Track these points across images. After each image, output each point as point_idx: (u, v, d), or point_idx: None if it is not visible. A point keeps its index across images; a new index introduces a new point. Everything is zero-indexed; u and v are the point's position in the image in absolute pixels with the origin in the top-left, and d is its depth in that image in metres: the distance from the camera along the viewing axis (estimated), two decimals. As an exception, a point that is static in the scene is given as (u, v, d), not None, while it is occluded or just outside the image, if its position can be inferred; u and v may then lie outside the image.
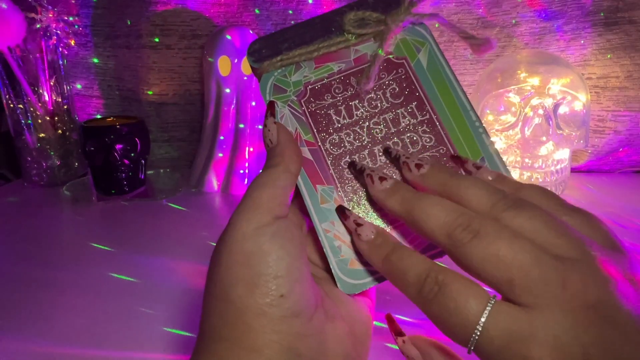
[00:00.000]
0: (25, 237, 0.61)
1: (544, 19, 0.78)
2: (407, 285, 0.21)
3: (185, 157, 0.86)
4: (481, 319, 0.19)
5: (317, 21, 0.30)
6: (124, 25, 0.80)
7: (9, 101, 0.75)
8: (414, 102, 0.29)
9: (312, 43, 0.29)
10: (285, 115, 0.28)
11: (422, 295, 0.21)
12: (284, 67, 0.29)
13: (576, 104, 0.66)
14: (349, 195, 0.27)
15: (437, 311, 0.20)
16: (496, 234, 0.19)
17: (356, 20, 0.29)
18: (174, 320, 0.42)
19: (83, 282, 0.49)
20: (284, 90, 0.29)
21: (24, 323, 0.43)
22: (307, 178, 0.27)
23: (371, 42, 0.29)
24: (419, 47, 0.30)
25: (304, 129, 0.28)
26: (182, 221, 0.65)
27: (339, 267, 0.26)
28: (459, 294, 0.19)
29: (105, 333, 0.41)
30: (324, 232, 0.27)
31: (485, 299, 0.19)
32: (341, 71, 0.29)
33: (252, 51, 0.29)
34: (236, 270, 0.23)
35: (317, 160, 0.28)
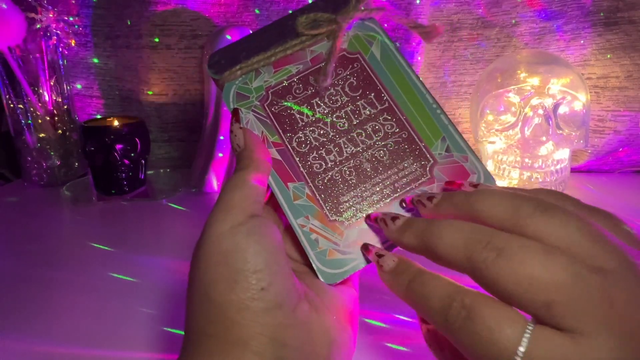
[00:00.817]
0: (25, 237, 0.61)
1: (544, 19, 0.78)
2: (432, 312, 0.20)
3: (185, 157, 0.86)
4: (520, 347, 0.17)
5: (272, 27, 0.31)
6: (124, 25, 0.80)
7: (9, 101, 0.75)
8: (372, 93, 0.30)
9: (268, 49, 0.31)
10: (251, 120, 0.30)
11: (449, 322, 0.19)
12: (244, 75, 0.31)
13: (576, 104, 0.66)
14: (320, 189, 0.28)
15: (468, 340, 0.18)
16: (524, 249, 0.17)
17: (308, 22, 0.30)
18: (174, 320, 0.42)
19: (83, 282, 0.49)
20: (247, 96, 0.30)
21: (24, 323, 0.43)
22: (277, 177, 0.28)
23: (325, 41, 0.31)
24: (371, 41, 0.31)
25: (270, 131, 0.30)
26: (182, 221, 0.65)
27: (317, 259, 0.27)
28: (492, 319, 0.17)
29: (105, 333, 0.41)
30: (300, 227, 0.28)
31: (522, 325, 0.17)
32: (300, 72, 0.31)
33: (212, 63, 0.31)
34: (214, 269, 0.23)
35: (285, 160, 0.29)
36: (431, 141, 0.29)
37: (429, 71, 0.82)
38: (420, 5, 0.77)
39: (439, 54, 0.81)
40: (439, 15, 0.79)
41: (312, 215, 0.28)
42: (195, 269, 0.24)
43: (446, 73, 0.82)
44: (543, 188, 0.22)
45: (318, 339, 0.24)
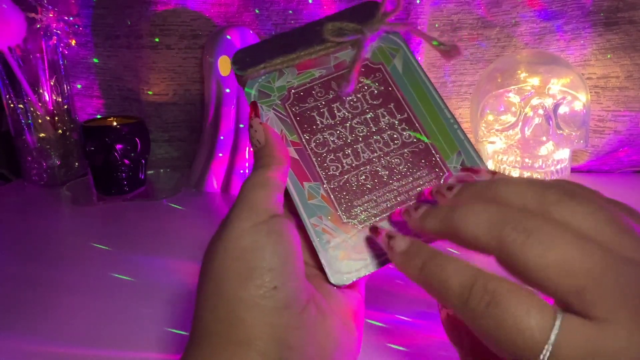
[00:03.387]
0: (25, 237, 0.61)
1: (544, 19, 0.78)
2: (450, 296, 0.18)
3: (186, 157, 0.86)
4: (550, 336, 0.16)
5: (298, 31, 0.32)
6: (124, 25, 0.80)
7: (9, 101, 0.75)
8: (392, 103, 0.31)
9: (294, 51, 0.31)
10: (271, 118, 0.30)
11: (470, 308, 0.18)
12: (267, 74, 0.31)
13: (576, 104, 0.66)
14: (335, 191, 0.29)
15: (491, 328, 0.17)
16: (556, 233, 0.17)
17: (334, 29, 0.31)
18: (174, 320, 0.42)
19: (83, 282, 0.49)
20: (268, 95, 0.31)
21: (24, 323, 0.43)
22: (294, 176, 0.29)
23: (349, 49, 0.32)
24: (394, 54, 0.32)
25: (289, 130, 0.30)
26: (182, 221, 0.65)
27: (328, 260, 0.27)
28: (518, 306, 0.16)
29: (105, 333, 0.41)
30: (313, 227, 0.28)
31: (551, 313, 0.16)
32: (322, 76, 0.31)
33: (237, 59, 0.31)
34: (230, 264, 0.23)
35: (303, 159, 0.29)
36: (447, 154, 0.29)
37: (429, 71, 0.82)
38: (421, 5, 0.77)
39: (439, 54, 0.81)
40: (439, 15, 0.79)
41: (326, 215, 0.28)
42: (210, 263, 0.24)
43: (446, 73, 0.82)
44: (563, 179, 0.21)
45: (323, 342, 0.24)
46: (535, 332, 0.16)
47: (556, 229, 0.17)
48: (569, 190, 0.19)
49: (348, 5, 0.78)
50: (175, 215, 0.67)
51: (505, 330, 0.16)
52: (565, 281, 0.16)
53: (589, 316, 0.16)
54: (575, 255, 0.16)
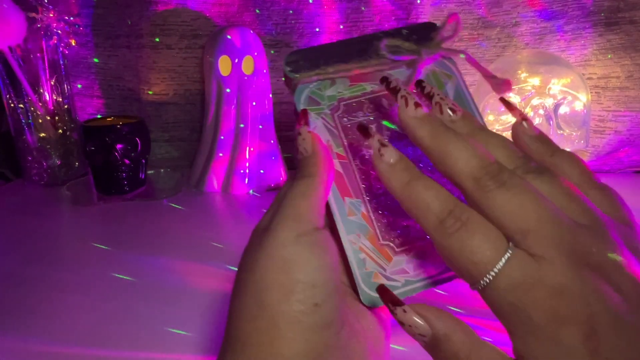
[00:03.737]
0: (26, 236, 0.61)
1: (545, 19, 0.78)
2: (428, 214, 0.21)
3: (186, 157, 0.86)
4: (499, 262, 0.19)
5: (354, 42, 0.31)
6: (125, 25, 0.80)
7: (9, 101, 0.75)
8: None
9: (348, 62, 0.30)
10: (318, 127, 0.29)
11: (444, 227, 0.20)
12: (320, 81, 0.30)
13: (577, 104, 0.66)
14: (376, 210, 0.28)
15: (455, 246, 0.20)
16: (522, 187, 0.20)
17: (391, 46, 0.31)
18: (174, 320, 0.42)
19: (83, 282, 0.49)
20: (318, 103, 0.30)
21: (24, 323, 0.43)
22: (336, 190, 0.28)
23: (403, 69, 0.31)
24: (447, 80, 0.32)
25: (336, 142, 0.29)
26: (182, 221, 0.65)
27: (362, 280, 0.26)
28: (482, 234, 0.20)
29: (105, 333, 0.41)
30: (350, 244, 0.27)
31: (505, 245, 0.19)
32: (374, 92, 0.30)
33: (290, 61, 0.30)
34: (273, 275, 0.22)
35: (347, 174, 0.28)
36: None
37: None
38: (421, 5, 0.77)
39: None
40: (439, 15, 0.79)
41: (364, 234, 0.27)
42: (250, 272, 0.23)
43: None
44: (568, 152, 0.24)
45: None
46: (489, 258, 0.19)
47: (523, 185, 0.20)
48: (541, 167, 0.22)
49: (348, 5, 0.78)
50: (175, 215, 0.67)
51: (467, 251, 0.20)
52: (516, 223, 0.19)
53: (529, 253, 0.19)
54: (531, 205, 0.19)
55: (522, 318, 0.19)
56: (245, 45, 0.72)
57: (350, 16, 0.79)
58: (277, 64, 0.81)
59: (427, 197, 0.21)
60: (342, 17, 0.80)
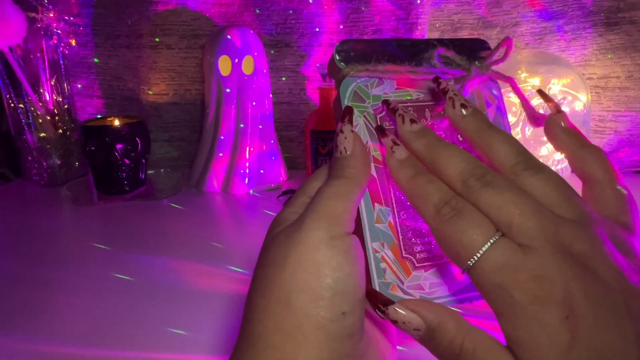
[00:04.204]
0: (26, 236, 0.61)
1: (545, 19, 0.78)
2: (427, 204, 0.23)
3: (186, 157, 0.86)
4: (485, 245, 0.20)
5: (409, 44, 0.31)
6: (125, 25, 0.80)
7: (9, 101, 0.75)
8: None
9: (400, 63, 0.30)
10: (360, 126, 0.28)
11: (439, 215, 0.22)
12: (368, 77, 0.29)
13: (577, 104, 0.66)
14: (403, 222, 0.27)
15: (448, 231, 0.22)
16: (505, 186, 0.21)
17: (444, 57, 0.31)
18: (174, 320, 0.42)
19: (83, 282, 0.49)
20: (363, 100, 0.29)
21: (24, 323, 0.43)
22: (367, 194, 0.27)
23: (451, 82, 0.30)
24: (490, 102, 0.32)
25: (374, 144, 0.28)
26: (182, 221, 0.65)
27: (380, 289, 0.26)
28: (473, 221, 0.21)
29: (105, 333, 0.41)
30: (373, 252, 0.26)
31: (492, 232, 0.21)
32: (418, 100, 0.30)
33: (341, 50, 0.29)
34: (304, 277, 0.22)
35: (380, 179, 0.27)
36: None
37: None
38: (421, 5, 0.77)
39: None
40: (439, 15, 0.79)
41: (388, 244, 0.27)
42: (280, 267, 0.22)
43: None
44: (594, 147, 0.25)
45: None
46: (476, 241, 0.21)
47: (506, 184, 0.22)
48: (540, 164, 0.23)
49: (348, 5, 0.78)
50: (176, 215, 0.67)
51: (458, 235, 0.21)
52: (501, 216, 0.21)
53: (515, 242, 0.20)
54: (513, 200, 0.21)
55: (506, 299, 0.20)
56: (245, 45, 0.72)
57: (350, 16, 0.79)
58: (277, 64, 0.81)
59: (427, 189, 0.23)
60: (342, 17, 0.80)
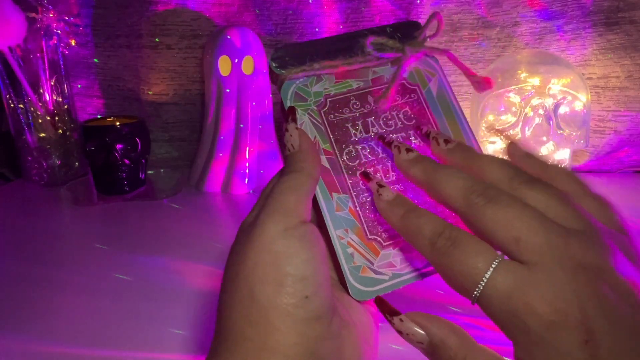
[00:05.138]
0: (26, 236, 0.61)
1: (545, 19, 0.78)
2: (421, 239, 0.23)
3: (186, 157, 0.86)
4: (488, 271, 0.20)
5: (340, 38, 0.32)
6: (125, 25, 0.80)
7: (9, 101, 0.75)
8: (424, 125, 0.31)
9: (334, 58, 0.31)
10: (305, 123, 0.30)
11: (436, 248, 0.22)
12: (306, 77, 0.31)
13: (576, 104, 0.66)
14: (363, 205, 0.28)
15: (448, 263, 0.21)
16: (509, 200, 0.21)
17: (377, 44, 0.31)
18: (174, 320, 0.42)
19: (83, 282, 0.49)
20: (305, 99, 0.30)
21: (24, 323, 0.43)
22: (323, 185, 0.28)
23: (388, 66, 0.32)
24: (430, 77, 0.33)
25: (323, 138, 0.30)
26: (182, 221, 0.65)
27: (351, 274, 0.27)
28: (470, 248, 0.21)
29: (105, 333, 0.41)
30: (338, 239, 0.27)
31: (492, 256, 0.20)
32: (359, 88, 0.31)
33: (276, 57, 0.31)
34: (263, 269, 0.23)
35: (334, 169, 0.29)
36: None
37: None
38: (421, 5, 0.77)
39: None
40: (439, 15, 0.79)
41: (352, 229, 0.28)
42: (242, 264, 0.23)
43: (446, 73, 0.82)
44: (559, 167, 0.25)
45: (348, 353, 0.24)
46: (478, 269, 0.20)
47: (509, 198, 0.21)
48: (533, 178, 0.23)
49: (348, 5, 0.78)
50: (175, 215, 0.67)
51: (458, 266, 0.21)
52: (506, 233, 0.20)
53: (521, 261, 0.20)
54: (519, 215, 0.20)
55: (520, 327, 0.19)
56: (245, 45, 0.72)
57: (350, 16, 0.80)
58: (277, 64, 0.81)
59: (419, 224, 0.23)
60: (342, 17, 0.80)
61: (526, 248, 0.20)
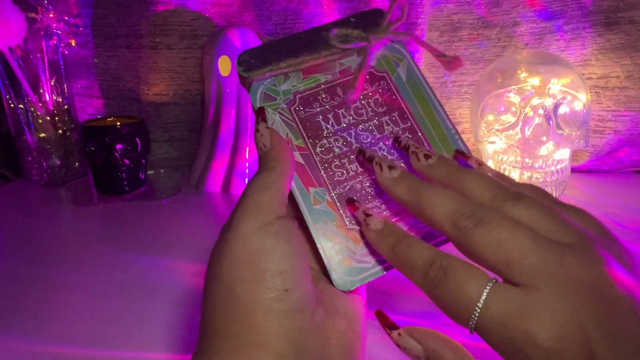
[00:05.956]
0: (26, 237, 0.61)
1: (544, 19, 0.78)
2: (414, 271, 0.22)
3: (186, 157, 0.86)
4: (481, 298, 0.19)
5: (304, 35, 0.32)
6: (124, 25, 0.80)
7: (9, 101, 0.75)
8: (396, 112, 0.31)
9: (299, 55, 0.31)
10: (276, 122, 0.30)
11: (428, 280, 0.21)
12: (273, 77, 0.31)
13: (576, 104, 0.66)
14: (341, 197, 0.29)
15: (441, 293, 0.21)
16: (498, 221, 0.20)
17: (340, 36, 0.32)
18: (174, 320, 0.42)
19: (83, 282, 0.49)
20: (274, 98, 0.31)
21: (24, 323, 0.43)
22: (299, 181, 0.29)
23: (354, 56, 0.32)
24: (398, 63, 0.32)
25: (295, 134, 0.30)
26: (182, 221, 0.65)
27: (334, 265, 0.27)
28: (461, 275, 0.20)
29: (105, 333, 0.41)
30: (318, 232, 0.28)
31: (485, 280, 0.20)
32: (328, 82, 0.31)
33: (242, 61, 0.31)
34: (240, 267, 0.23)
35: (308, 164, 0.29)
36: None
37: (429, 71, 0.82)
38: (421, 5, 0.77)
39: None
40: (439, 15, 0.79)
41: (331, 221, 0.28)
42: (219, 265, 0.24)
43: (446, 73, 0.82)
44: (530, 184, 0.25)
45: (333, 344, 0.24)
46: (472, 295, 0.20)
47: (498, 218, 0.21)
48: (518, 194, 0.22)
49: (348, 5, 0.78)
50: (175, 215, 0.67)
51: (451, 295, 0.20)
52: (498, 255, 0.20)
53: (515, 283, 0.19)
54: (509, 236, 0.20)
55: (519, 355, 0.18)
56: (245, 45, 0.72)
57: (350, 16, 0.79)
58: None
59: (410, 255, 0.23)
60: (342, 17, 0.80)
61: (519, 269, 0.19)
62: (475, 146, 0.75)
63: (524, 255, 0.19)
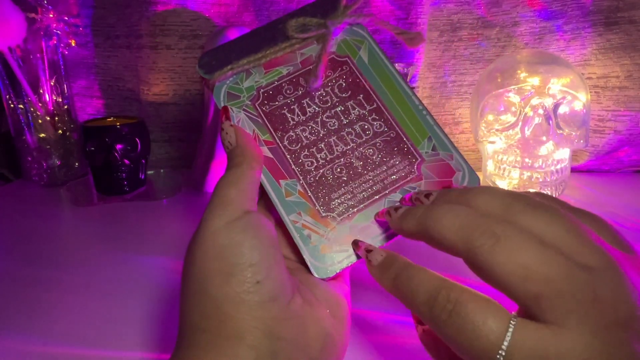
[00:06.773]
0: (25, 237, 0.61)
1: (544, 19, 0.78)
2: (418, 305, 0.20)
3: (186, 157, 0.86)
4: (504, 341, 0.17)
5: (262, 30, 0.32)
6: (124, 25, 0.80)
7: (9, 101, 0.75)
8: (361, 95, 0.31)
9: (259, 50, 0.31)
10: (242, 119, 0.30)
11: (435, 315, 0.19)
12: (235, 75, 0.31)
13: (576, 104, 0.66)
14: (312, 186, 0.29)
15: (453, 333, 0.19)
16: (521, 240, 0.18)
17: (298, 26, 0.32)
18: (174, 320, 0.42)
19: (83, 282, 0.49)
20: (238, 96, 0.31)
21: (24, 323, 0.43)
22: (269, 175, 0.29)
23: (314, 44, 0.32)
24: (359, 46, 0.32)
25: (261, 129, 0.30)
26: (182, 221, 0.65)
27: (310, 254, 0.28)
28: (476, 313, 0.18)
29: (105, 333, 0.41)
30: (292, 223, 0.28)
31: (506, 318, 0.18)
32: (290, 73, 0.32)
33: (203, 64, 0.31)
34: (210, 264, 0.23)
35: (277, 158, 0.30)
36: (418, 140, 0.30)
37: (429, 71, 0.82)
38: (421, 5, 0.77)
39: (439, 53, 0.81)
40: (439, 15, 0.79)
41: (304, 211, 0.28)
42: (190, 263, 0.24)
43: (446, 73, 0.82)
44: (534, 191, 0.23)
45: (312, 332, 0.25)
46: (492, 338, 0.17)
47: (521, 237, 0.18)
48: (532, 201, 0.20)
49: (348, 5, 0.78)
50: (175, 215, 0.67)
51: (465, 336, 0.18)
52: (525, 287, 0.17)
53: (543, 320, 0.17)
54: (536, 262, 0.17)
55: None
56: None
57: (350, 16, 0.79)
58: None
59: (412, 288, 0.21)
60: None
61: (550, 306, 0.17)
62: (476, 146, 0.75)
63: (555, 289, 0.17)
